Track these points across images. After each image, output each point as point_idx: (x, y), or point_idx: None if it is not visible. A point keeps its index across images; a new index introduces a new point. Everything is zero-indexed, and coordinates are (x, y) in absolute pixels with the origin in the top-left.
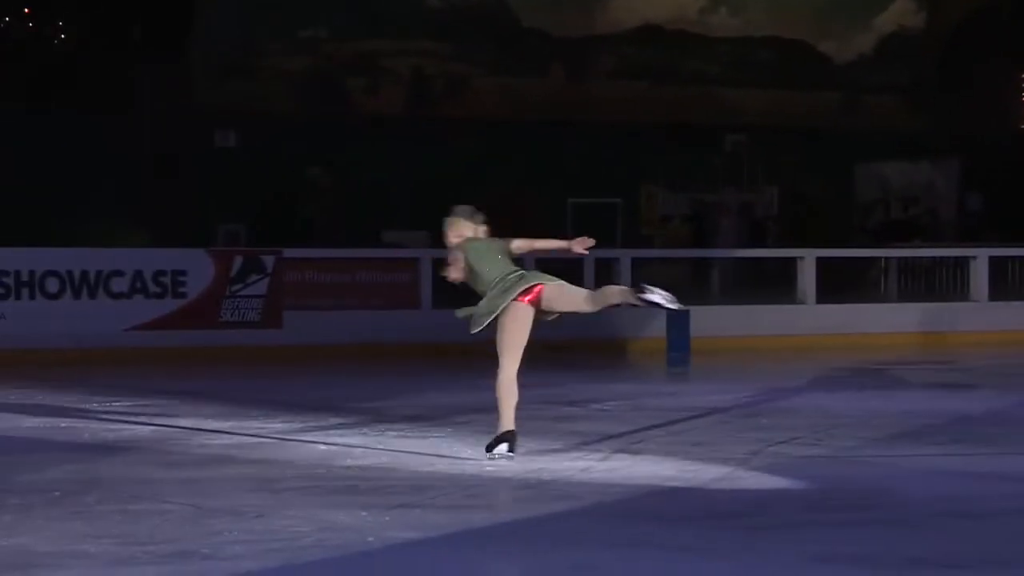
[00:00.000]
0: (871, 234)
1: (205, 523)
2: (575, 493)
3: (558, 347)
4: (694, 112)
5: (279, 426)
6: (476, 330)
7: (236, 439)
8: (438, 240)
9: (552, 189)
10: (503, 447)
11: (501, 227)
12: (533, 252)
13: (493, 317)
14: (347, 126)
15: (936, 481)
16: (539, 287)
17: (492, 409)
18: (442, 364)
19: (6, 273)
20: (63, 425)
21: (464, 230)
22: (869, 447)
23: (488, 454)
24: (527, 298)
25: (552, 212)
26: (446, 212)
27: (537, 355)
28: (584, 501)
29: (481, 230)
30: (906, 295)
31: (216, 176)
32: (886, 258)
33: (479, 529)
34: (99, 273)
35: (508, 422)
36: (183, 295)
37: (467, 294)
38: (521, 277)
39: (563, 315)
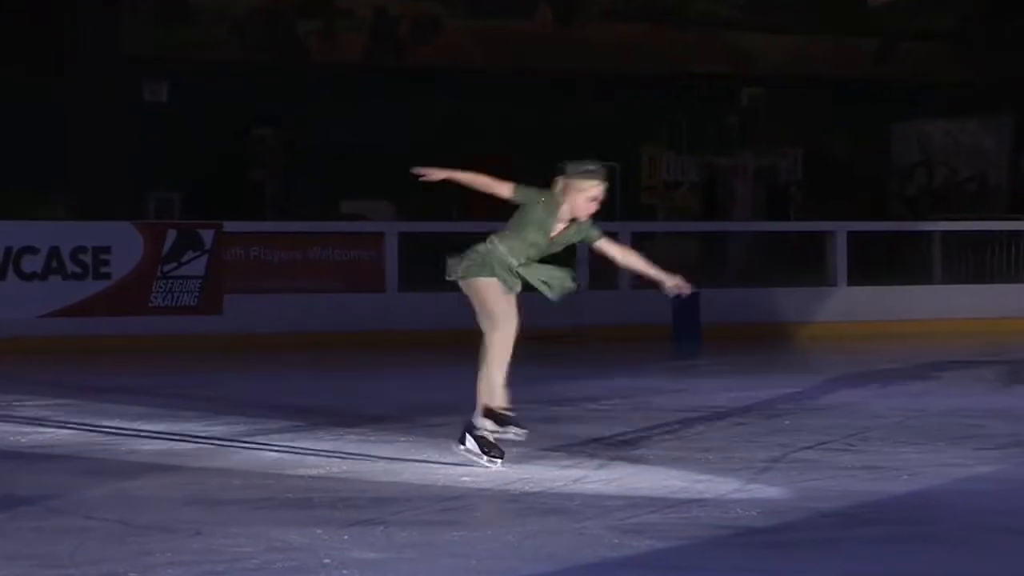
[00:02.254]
0: (910, 204)
1: (134, 542)
2: (566, 507)
3: (545, 336)
4: (703, 61)
5: (220, 429)
6: (455, 277)
7: (169, 444)
8: (405, 211)
9: (538, 150)
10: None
11: (477, 195)
12: (627, 267)
13: (485, 278)
14: (298, 77)
15: (987, 492)
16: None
17: (466, 409)
18: (411, 356)
19: None
20: None
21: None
22: (909, 453)
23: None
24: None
25: (538, 177)
26: (413, 179)
27: (519, 346)
28: (577, 516)
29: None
30: (952, 275)
31: (145, 136)
32: (928, 232)
33: (453, 549)
34: (8, 250)
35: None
36: (107, 276)
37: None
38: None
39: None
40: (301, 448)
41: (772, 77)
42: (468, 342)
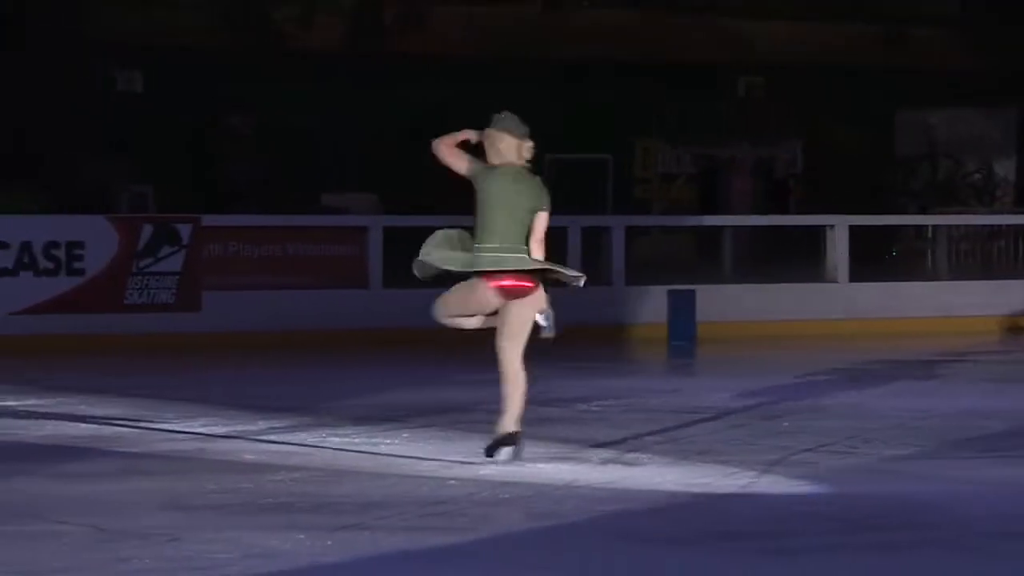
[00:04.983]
0: (914, 197)
1: (108, 548)
2: (558, 511)
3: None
4: (699, 48)
5: (197, 430)
6: (422, 274)
7: (145, 446)
8: (389, 204)
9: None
10: (506, 451)
11: (464, 187)
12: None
13: (449, 271)
14: (276, 65)
15: (994, 496)
16: (524, 286)
17: (454, 409)
18: (395, 355)
19: None
20: None
21: (503, 146)
22: (913, 455)
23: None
24: (498, 283)
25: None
26: (396, 171)
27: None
28: (569, 520)
29: (526, 147)
30: (957, 271)
31: (119, 127)
32: (933, 226)
33: (441, 555)
34: None
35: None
36: (80, 272)
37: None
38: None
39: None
40: (281, 450)
41: (771, 65)
42: (454, 341)
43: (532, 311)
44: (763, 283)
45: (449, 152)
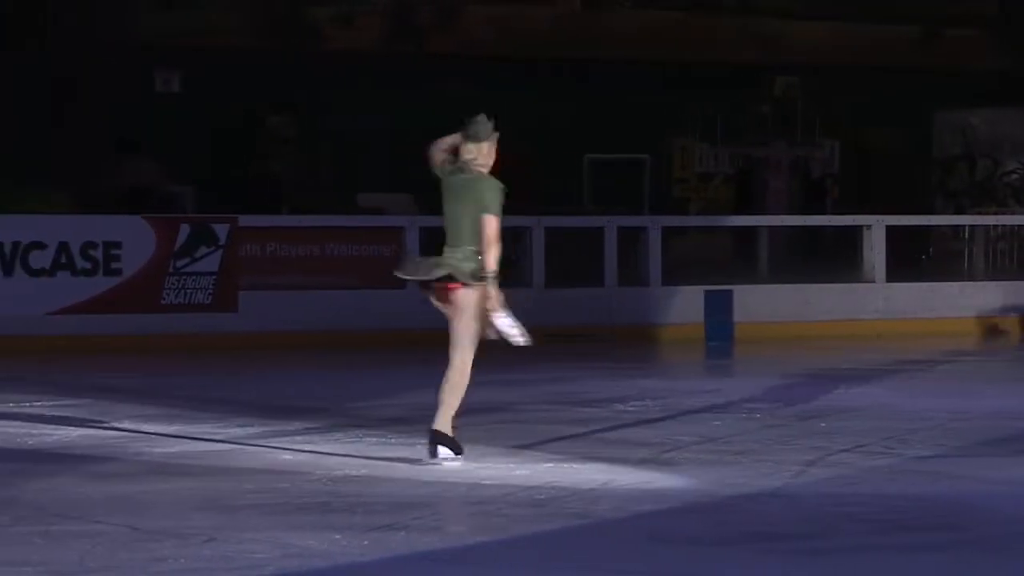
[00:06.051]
0: (952, 197)
1: (145, 548)
2: (594, 511)
3: (572, 335)
4: (736, 48)
5: (234, 431)
6: (405, 275)
7: (181, 446)
8: (425, 204)
9: (565, 143)
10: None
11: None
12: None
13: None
14: (314, 65)
15: None
16: (459, 287)
17: (489, 410)
18: (431, 356)
19: None
20: None
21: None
22: (950, 456)
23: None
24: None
25: (565, 171)
26: (432, 171)
27: (547, 345)
28: (605, 520)
29: (484, 148)
30: (995, 271)
31: (157, 127)
32: (970, 227)
33: (476, 555)
34: (15, 245)
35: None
36: (117, 272)
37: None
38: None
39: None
40: (318, 451)
41: (808, 65)
42: (489, 342)
43: (472, 312)
44: (800, 283)
45: (441, 158)
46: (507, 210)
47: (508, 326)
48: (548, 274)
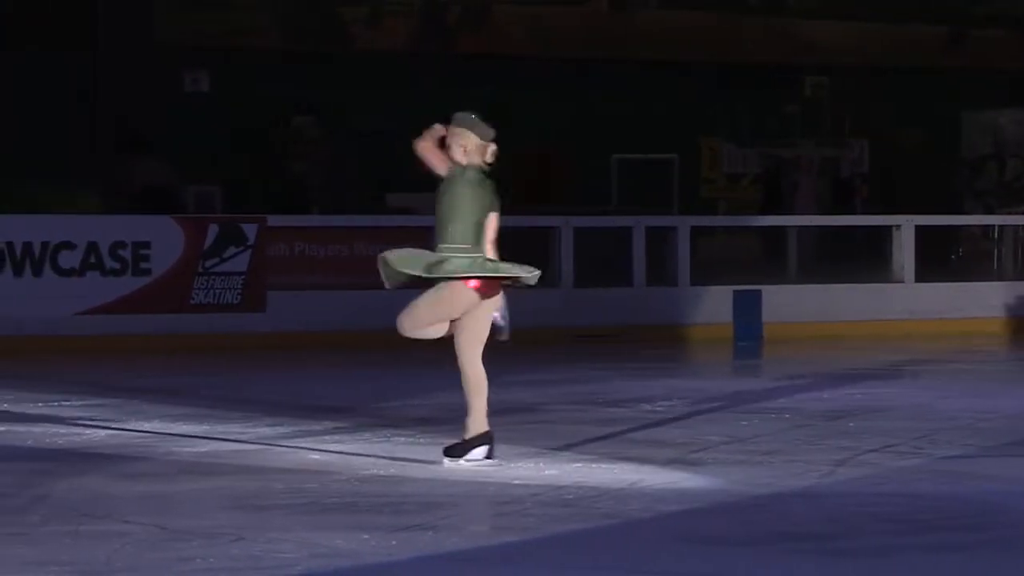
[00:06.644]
0: (981, 197)
1: (172, 548)
2: (623, 511)
3: (599, 335)
4: (765, 49)
5: (263, 431)
6: (389, 283)
7: (210, 446)
8: None
9: (593, 142)
10: (479, 451)
11: (529, 188)
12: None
13: (414, 277)
14: (343, 65)
15: None
16: (494, 288)
17: (517, 410)
18: None
19: None
20: (0, 430)
21: (469, 145)
22: (979, 456)
23: (456, 460)
24: (476, 285)
25: (592, 171)
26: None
27: (574, 345)
28: (633, 520)
29: (490, 150)
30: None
31: (186, 127)
32: (1000, 226)
33: (505, 555)
34: (44, 245)
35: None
36: (146, 272)
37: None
38: (484, 263)
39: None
40: (346, 450)
41: (837, 66)
42: (520, 340)
43: (492, 313)
44: (829, 283)
45: (432, 153)
46: (535, 211)
47: (503, 318)
48: (577, 274)
